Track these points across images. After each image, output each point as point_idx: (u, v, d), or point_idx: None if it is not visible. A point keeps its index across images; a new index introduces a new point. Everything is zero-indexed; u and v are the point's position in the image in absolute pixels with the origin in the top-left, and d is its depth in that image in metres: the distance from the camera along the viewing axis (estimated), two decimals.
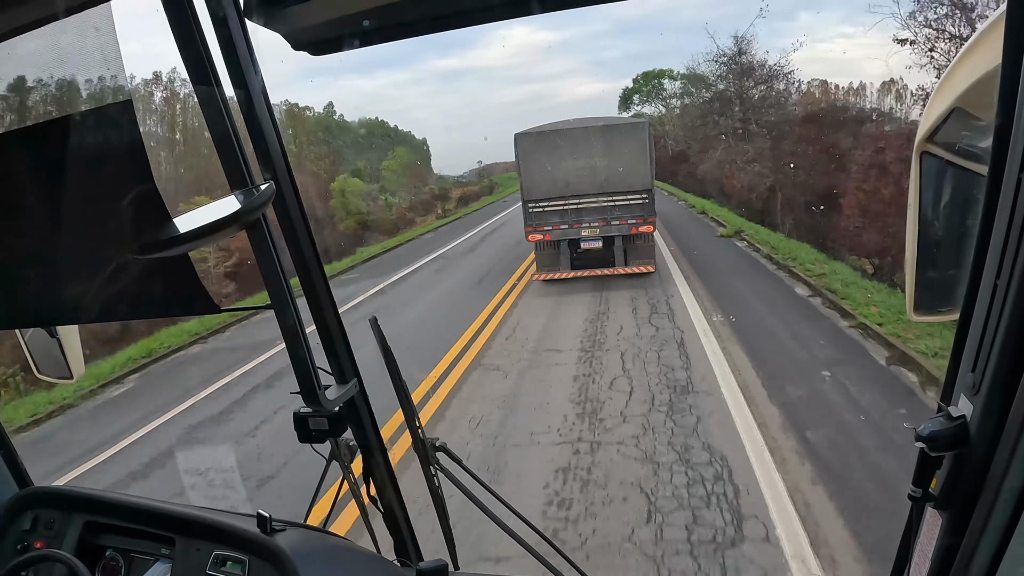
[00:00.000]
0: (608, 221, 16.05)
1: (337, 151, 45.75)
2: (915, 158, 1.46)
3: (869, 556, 4.85)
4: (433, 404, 8.87)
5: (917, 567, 1.25)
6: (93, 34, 1.29)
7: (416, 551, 2.22)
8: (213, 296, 1.48)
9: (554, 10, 1.43)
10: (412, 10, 1.47)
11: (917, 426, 1.09)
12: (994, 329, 0.97)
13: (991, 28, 1.17)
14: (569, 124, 16.17)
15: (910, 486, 1.15)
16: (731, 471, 6.30)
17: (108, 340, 15.27)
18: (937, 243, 1.48)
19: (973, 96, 1.27)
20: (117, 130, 1.28)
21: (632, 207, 15.99)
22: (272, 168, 1.55)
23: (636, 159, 15.81)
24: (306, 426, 1.90)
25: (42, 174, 1.39)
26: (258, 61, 1.47)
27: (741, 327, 11.18)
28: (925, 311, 1.52)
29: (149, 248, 1.34)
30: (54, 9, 1.35)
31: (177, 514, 2.07)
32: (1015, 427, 0.93)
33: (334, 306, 1.82)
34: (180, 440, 8.84)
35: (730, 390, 8.37)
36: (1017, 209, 0.91)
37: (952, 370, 1.13)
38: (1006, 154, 0.95)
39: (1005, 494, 0.95)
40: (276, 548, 1.85)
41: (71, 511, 2.13)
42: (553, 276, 16.53)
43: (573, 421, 7.89)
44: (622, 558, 5.11)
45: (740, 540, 5.26)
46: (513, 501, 2.13)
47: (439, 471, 2.03)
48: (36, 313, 1.74)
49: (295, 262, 1.70)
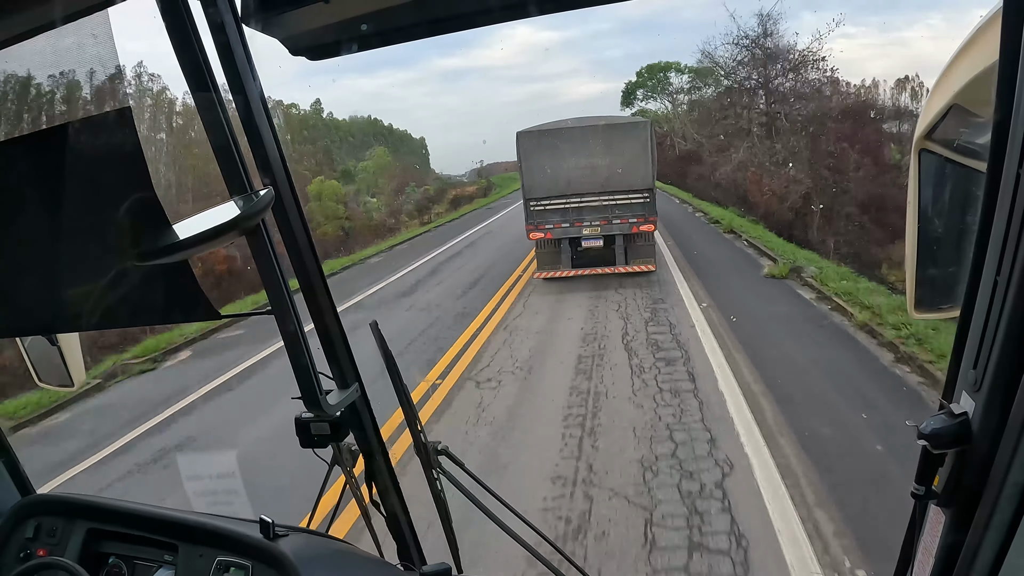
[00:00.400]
0: (609, 220, 16.12)
1: (325, 150, 44.58)
2: (914, 155, 1.46)
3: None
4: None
5: (921, 564, 1.25)
6: (91, 41, 1.29)
7: (419, 555, 2.22)
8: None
9: (550, 12, 1.43)
10: (409, 14, 1.47)
11: (919, 424, 1.09)
12: (995, 326, 0.97)
13: (988, 24, 1.17)
14: (571, 123, 16.24)
15: (913, 484, 1.15)
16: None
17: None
18: (937, 240, 1.48)
19: (971, 93, 1.27)
20: (116, 137, 1.28)
21: (633, 206, 16.07)
22: (271, 174, 1.56)
23: (637, 158, 15.90)
24: (308, 431, 1.90)
25: (41, 182, 1.39)
26: (256, 67, 1.47)
27: None
28: (926, 308, 1.52)
29: (149, 255, 1.34)
30: (52, 16, 1.35)
31: (180, 520, 2.07)
32: (1017, 423, 0.93)
33: (335, 311, 1.82)
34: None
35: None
36: (1016, 205, 0.91)
37: (953, 367, 1.13)
38: (1004, 150, 0.95)
39: (1008, 490, 0.95)
40: (279, 553, 1.85)
41: (74, 518, 2.13)
42: (554, 274, 16.60)
43: None
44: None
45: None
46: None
47: (441, 475, 2.03)
48: (36, 321, 1.74)
49: (295, 267, 1.71)
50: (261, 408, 9.50)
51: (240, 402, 10.38)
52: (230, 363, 12.32)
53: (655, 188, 16.58)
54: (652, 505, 5.98)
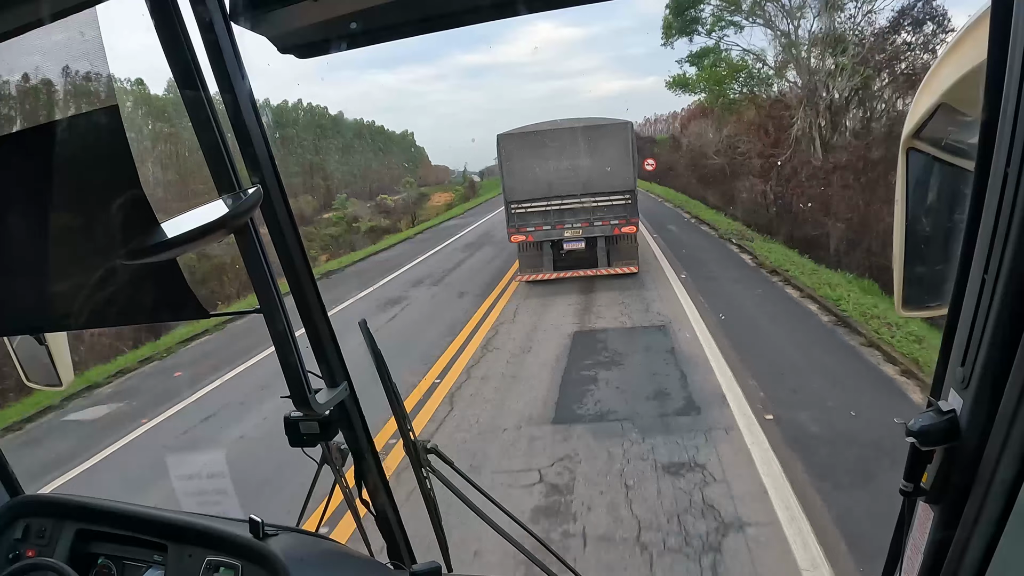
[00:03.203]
0: (591, 222, 16.11)
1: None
2: (901, 155, 1.46)
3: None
4: None
5: (910, 561, 1.26)
6: (79, 39, 1.28)
7: (409, 553, 2.22)
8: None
9: (538, 11, 1.43)
10: (399, 12, 1.47)
11: (908, 421, 1.10)
12: (983, 323, 0.97)
13: (976, 24, 1.18)
14: (552, 125, 16.22)
15: (901, 481, 1.16)
16: None
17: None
18: (925, 239, 1.49)
19: (959, 92, 1.28)
20: (104, 135, 1.28)
21: (615, 207, 16.06)
22: (260, 172, 1.55)
23: (619, 160, 15.88)
24: (297, 430, 1.90)
25: (28, 180, 1.39)
26: (244, 64, 1.47)
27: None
28: (913, 307, 1.53)
29: (137, 254, 1.33)
30: (40, 14, 1.34)
31: (169, 520, 2.06)
32: (1005, 420, 0.93)
33: (323, 310, 1.81)
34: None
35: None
36: (1003, 204, 0.92)
37: (941, 365, 1.14)
38: (992, 149, 0.96)
39: (997, 486, 0.96)
40: (269, 553, 1.85)
41: (63, 519, 2.12)
42: (536, 277, 16.54)
43: None
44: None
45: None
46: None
47: (431, 473, 2.03)
48: (24, 320, 1.73)
49: (283, 266, 1.70)
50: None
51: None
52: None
53: (637, 189, 16.54)
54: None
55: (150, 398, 11.47)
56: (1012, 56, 0.92)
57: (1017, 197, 0.89)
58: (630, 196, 16.07)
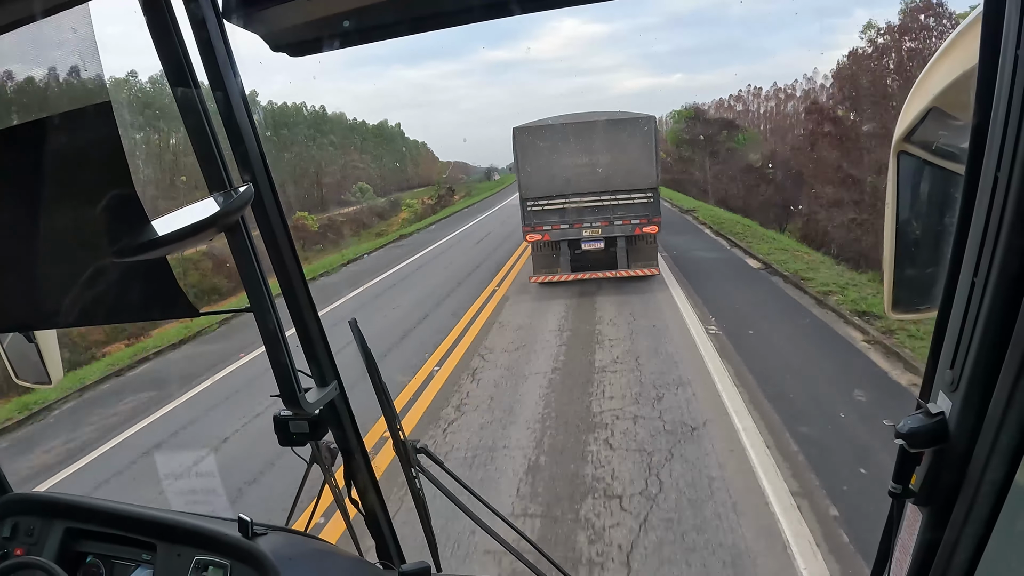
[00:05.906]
0: (611, 221, 15.28)
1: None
2: (892, 158, 1.47)
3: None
4: None
5: (898, 563, 1.26)
6: (71, 35, 1.27)
7: (398, 553, 2.22)
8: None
9: (531, 11, 1.43)
10: (392, 12, 1.47)
11: (896, 423, 1.10)
12: (972, 326, 0.98)
13: (967, 29, 1.18)
14: (571, 118, 15.39)
15: (890, 483, 1.16)
16: None
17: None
18: (915, 242, 1.49)
19: (950, 96, 1.29)
20: (95, 132, 1.27)
21: (635, 206, 15.21)
22: (251, 170, 1.54)
23: (640, 156, 14.96)
24: (286, 429, 1.90)
25: (19, 177, 1.38)
26: (236, 63, 1.46)
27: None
28: (903, 309, 1.54)
29: (128, 251, 1.33)
30: (32, 10, 1.33)
31: (158, 519, 2.05)
32: (994, 422, 0.94)
33: (314, 309, 1.80)
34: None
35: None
36: (994, 207, 0.92)
37: (930, 367, 1.14)
38: (983, 153, 0.96)
39: (985, 488, 0.96)
40: (257, 552, 1.84)
41: (51, 518, 2.11)
42: (552, 278, 15.74)
43: None
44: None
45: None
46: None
47: (420, 473, 2.02)
48: (14, 317, 1.72)
49: (274, 265, 1.69)
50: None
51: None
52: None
53: (659, 187, 15.58)
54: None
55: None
56: (1003, 60, 0.92)
57: (1007, 201, 0.90)
58: (652, 194, 15.19)
